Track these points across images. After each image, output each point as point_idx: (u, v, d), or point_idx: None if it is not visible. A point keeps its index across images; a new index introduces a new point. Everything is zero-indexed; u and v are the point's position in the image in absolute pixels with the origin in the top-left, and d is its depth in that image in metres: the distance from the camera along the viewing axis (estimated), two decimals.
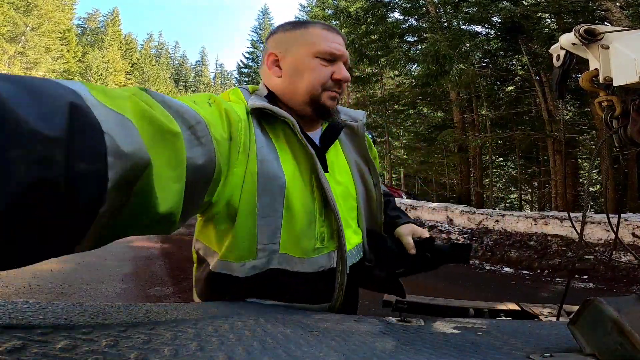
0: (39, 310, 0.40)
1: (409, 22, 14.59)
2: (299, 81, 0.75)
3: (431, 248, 0.84)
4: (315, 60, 0.75)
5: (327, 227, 0.73)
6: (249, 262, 0.69)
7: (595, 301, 0.42)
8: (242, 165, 0.65)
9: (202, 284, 0.75)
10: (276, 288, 0.71)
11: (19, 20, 21.73)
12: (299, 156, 0.72)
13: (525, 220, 6.38)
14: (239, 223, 0.67)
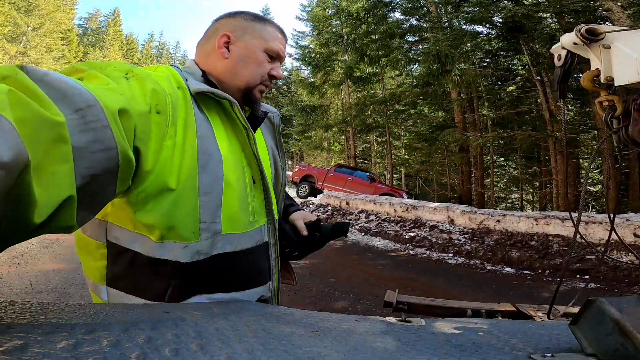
0: (40, 310, 0.40)
1: (409, 21, 14.58)
2: (243, 68, 0.78)
3: (319, 229, 0.94)
4: (263, 54, 0.80)
5: (256, 201, 0.77)
6: (192, 244, 0.66)
7: (597, 301, 0.42)
8: (173, 138, 0.63)
9: (127, 279, 0.68)
10: (220, 276, 0.71)
11: (20, 20, 21.76)
12: (232, 134, 0.74)
13: (527, 220, 6.37)
14: (181, 199, 0.64)
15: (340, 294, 3.99)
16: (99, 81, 0.54)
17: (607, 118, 0.82)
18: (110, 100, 0.51)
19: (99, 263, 0.69)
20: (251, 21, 0.81)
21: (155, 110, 0.60)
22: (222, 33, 0.79)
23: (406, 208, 8.44)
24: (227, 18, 0.82)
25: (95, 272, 0.70)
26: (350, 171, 13.73)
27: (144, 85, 0.60)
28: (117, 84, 0.56)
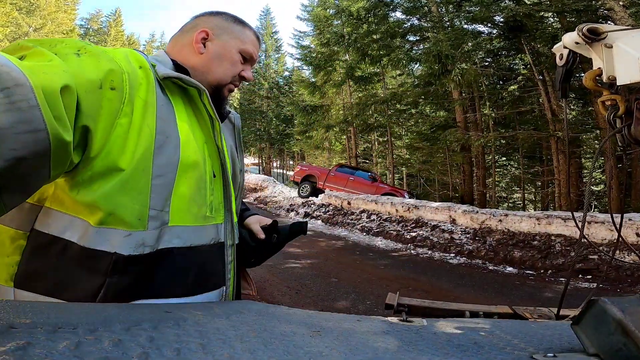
0: (42, 310, 0.40)
1: (410, 21, 14.56)
2: (218, 66, 0.79)
3: (277, 231, 0.92)
4: (238, 55, 0.82)
5: (215, 196, 0.74)
6: (137, 232, 0.60)
7: (599, 301, 0.42)
8: (129, 116, 0.60)
9: (46, 277, 0.59)
10: (166, 277, 0.64)
11: (22, 20, 21.81)
12: (195, 123, 0.72)
13: (529, 220, 6.35)
14: (131, 180, 0.60)
15: (341, 294, 3.99)
16: (41, 58, 0.52)
17: (609, 117, 0.81)
18: (47, 79, 0.48)
19: (9, 259, 0.60)
20: (231, 22, 0.83)
21: (109, 87, 0.57)
22: (201, 29, 0.79)
23: (408, 208, 8.44)
24: (208, 16, 0.83)
25: (0, 269, 0.60)
26: (351, 171, 13.73)
27: (97, 62, 0.58)
28: (63, 61, 0.53)
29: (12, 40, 21.56)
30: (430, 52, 11.37)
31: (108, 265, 0.59)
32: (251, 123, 30.02)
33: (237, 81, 0.84)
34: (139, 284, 0.62)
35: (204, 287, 0.71)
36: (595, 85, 0.81)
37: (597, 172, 12.48)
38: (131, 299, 0.61)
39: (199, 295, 0.70)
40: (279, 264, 5.10)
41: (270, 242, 0.92)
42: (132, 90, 0.61)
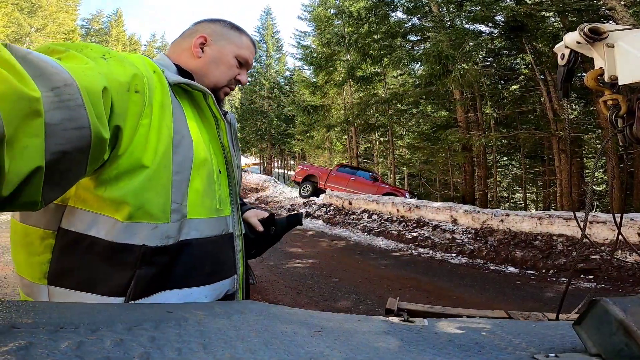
0: (44, 309, 0.40)
1: (411, 21, 14.55)
2: (215, 69, 0.85)
3: (274, 223, 0.97)
4: (234, 60, 0.87)
5: (222, 190, 0.79)
6: (162, 224, 0.64)
7: (601, 301, 0.42)
8: (149, 117, 0.64)
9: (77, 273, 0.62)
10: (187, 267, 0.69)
11: (23, 21, 21.85)
12: (201, 124, 0.77)
13: (530, 219, 6.34)
14: (155, 176, 0.64)
15: (342, 294, 3.99)
16: (77, 61, 0.55)
17: (611, 117, 0.81)
18: (89, 80, 0.52)
19: (41, 257, 0.63)
20: (229, 29, 0.89)
21: (133, 90, 0.61)
22: (200, 34, 0.85)
23: (409, 208, 8.43)
24: (207, 22, 0.89)
25: (33, 268, 0.64)
26: (352, 171, 13.73)
27: (123, 66, 0.61)
28: (96, 64, 0.57)
29: (14, 40, 21.61)
30: (431, 53, 11.35)
31: (137, 258, 0.62)
32: (252, 123, 30.06)
33: (233, 84, 0.89)
34: (163, 274, 0.66)
35: (220, 276, 0.75)
36: (597, 85, 0.81)
37: (599, 172, 12.46)
38: (157, 290, 0.65)
39: (215, 283, 0.74)
40: (280, 264, 5.10)
41: (269, 234, 0.97)
42: (150, 93, 0.65)
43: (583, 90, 10.60)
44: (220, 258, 0.76)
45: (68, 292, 0.62)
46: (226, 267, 0.78)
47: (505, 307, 3.74)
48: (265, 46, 33.41)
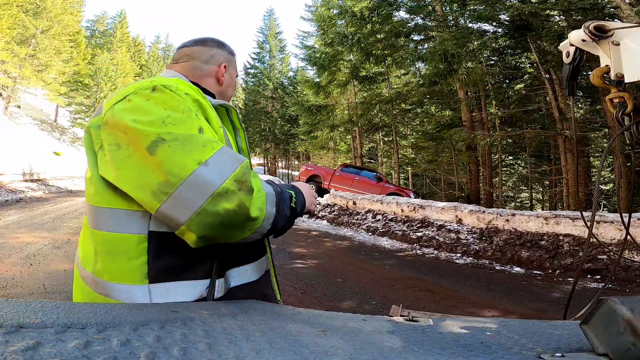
0: (52, 309, 0.41)
1: (414, 20, 14.51)
2: (230, 90, 1.04)
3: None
4: (235, 79, 1.07)
5: None
6: None
7: (608, 301, 0.42)
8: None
9: (174, 267, 0.71)
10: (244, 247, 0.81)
11: (28, 22, 22.00)
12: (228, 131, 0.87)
13: (536, 219, 6.30)
14: None
15: (347, 294, 3.99)
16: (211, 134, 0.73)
17: (618, 115, 0.81)
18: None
19: (138, 261, 0.69)
20: (232, 55, 1.05)
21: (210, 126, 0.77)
22: (222, 64, 1.00)
23: (413, 208, 8.41)
24: (218, 49, 1.02)
25: (133, 272, 0.69)
26: (356, 171, 13.71)
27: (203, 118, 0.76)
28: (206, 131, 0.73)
29: (20, 42, 21.80)
30: (436, 51, 11.32)
31: (214, 246, 0.73)
32: (256, 123, 30.10)
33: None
34: (230, 257, 0.79)
35: (260, 254, 0.89)
36: (603, 83, 0.80)
37: (606, 170, 12.35)
38: (228, 269, 0.79)
39: (258, 260, 0.88)
40: (284, 264, 5.11)
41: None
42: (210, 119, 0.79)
43: (589, 88, 10.51)
44: (259, 240, 0.81)
45: (167, 286, 0.70)
46: (261, 248, 0.91)
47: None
48: (268, 47, 33.45)
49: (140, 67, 39.61)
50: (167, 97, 0.71)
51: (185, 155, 0.64)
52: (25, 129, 22.70)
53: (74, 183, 16.30)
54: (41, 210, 8.94)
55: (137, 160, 0.66)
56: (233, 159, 0.68)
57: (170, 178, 0.63)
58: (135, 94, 0.71)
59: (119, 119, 0.68)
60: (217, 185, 0.63)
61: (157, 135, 0.65)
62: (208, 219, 0.63)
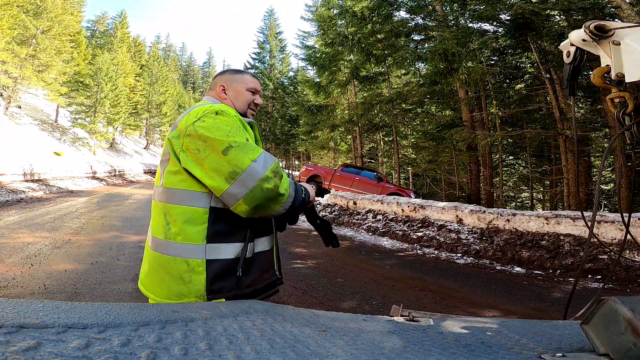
0: (53, 309, 0.41)
1: (415, 20, 14.50)
2: (237, 101, 1.31)
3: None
4: (247, 91, 1.32)
5: None
6: None
7: (609, 300, 0.42)
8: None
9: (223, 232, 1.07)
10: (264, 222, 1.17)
11: (29, 23, 21.98)
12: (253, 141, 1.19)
13: (537, 219, 6.30)
14: None
15: (347, 294, 3.99)
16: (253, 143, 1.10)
17: (618, 115, 0.81)
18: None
19: (202, 226, 1.05)
20: (234, 74, 1.34)
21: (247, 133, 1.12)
22: (219, 85, 1.31)
23: (414, 208, 8.41)
24: (219, 75, 1.35)
25: (196, 235, 1.05)
26: (357, 171, 13.71)
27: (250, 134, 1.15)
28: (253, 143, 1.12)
29: (21, 42, 21.80)
30: (436, 51, 11.31)
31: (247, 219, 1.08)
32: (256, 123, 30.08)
33: (253, 107, 1.35)
34: (257, 227, 1.13)
35: (270, 231, 1.22)
36: (604, 83, 0.80)
37: (607, 170, 12.33)
38: (256, 237, 1.13)
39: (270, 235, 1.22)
40: (285, 264, 5.11)
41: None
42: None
43: (590, 88, 10.50)
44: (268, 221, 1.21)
45: (218, 246, 1.06)
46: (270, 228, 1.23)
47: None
48: (268, 47, 33.49)
49: (140, 67, 39.60)
50: (226, 118, 1.07)
51: (244, 155, 1.00)
52: (26, 129, 22.72)
53: (74, 183, 16.30)
54: (42, 210, 8.95)
55: (214, 158, 1.01)
56: (271, 158, 1.04)
57: (236, 169, 0.99)
58: (206, 116, 1.06)
59: (200, 132, 1.03)
60: (262, 173, 1.00)
61: (228, 143, 1.01)
62: (257, 194, 0.99)
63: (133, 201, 12.23)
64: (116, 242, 5.87)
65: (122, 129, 34.51)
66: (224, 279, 1.05)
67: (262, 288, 1.15)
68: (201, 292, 1.03)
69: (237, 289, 1.06)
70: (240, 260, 1.06)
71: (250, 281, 1.10)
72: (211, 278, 1.04)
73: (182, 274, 1.04)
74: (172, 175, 1.08)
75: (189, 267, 1.03)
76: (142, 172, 28.86)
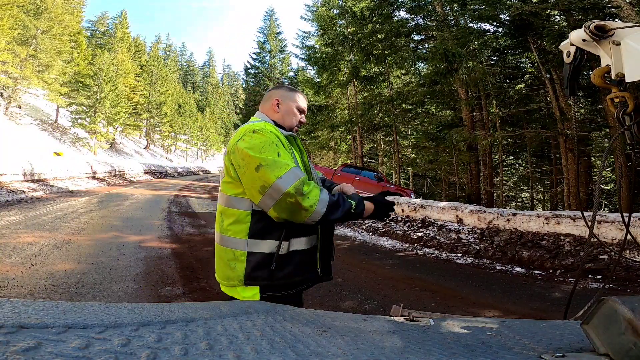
0: (53, 309, 0.41)
1: (415, 20, 14.49)
2: (286, 117, 1.46)
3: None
4: (296, 110, 1.48)
5: None
6: None
7: (609, 300, 0.42)
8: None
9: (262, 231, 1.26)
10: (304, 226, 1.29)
11: (29, 23, 21.97)
12: (295, 151, 1.36)
13: (537, 219, 6.29)
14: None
15: (347, 294, 3.99)
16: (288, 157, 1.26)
17: (619, 115, 0.81)
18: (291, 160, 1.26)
19: (245, 225, 1.26)
20: (288, 91, 1.49)
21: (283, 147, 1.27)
22: (275, 98, 1.46)
23: (414, 208, 8.41)
24: (275, 89, 1.50)
25: (241, 232, 1.26)
26: (357, 171, 13.71)
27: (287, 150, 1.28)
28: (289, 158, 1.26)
29: (21, 42, 21.80)
30: (437, 51, 11.30)
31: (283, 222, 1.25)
32: None
33: (299, 124, 1.50)
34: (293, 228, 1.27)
35: (311, 233, 1.34)
36: (604, 83, 0.80)
37: (607, 170, 12.33)
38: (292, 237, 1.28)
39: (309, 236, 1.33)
40: None
41: None
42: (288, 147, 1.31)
43: (590, 88, 10.49)
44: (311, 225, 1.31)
45: (257, 241, 1.26)
46: (313, 230, 1.35)
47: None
48: (269, 47, 33.45)
49: (140, 67, 39.60)
50: (260, 135, 1.23)
51: (271, 173, 1.17)
52: (26, 130, 22.72)
53: (74, 183, 16.30)
54: (42, 210, 8.95)
55: (249, 174, 1.20)
56: (296, 176, 1.18)
57: (265, 184, 1.17)
58: (245, 135, 1.24)
59: (240, 149, 1.23)
60: (285, 189, 1.15)
61: (259, 161, 1.18)
62: (283, 205, 1.17)
63: (133, 201, 12.23)
64: (116, 242, 5.87)
65: (122, 129, 34.53)
66: (259, 269, 1.24)
67: (296, 282, 1.29)
68: (241, 277, 1.25)
69: (270, 280, 1.24)
70: (274, 256, 1.24)
71: (284, 274, 1.26)
72: (250, 267, 1.24)
73: (229, 261, 1.27)
74: (225, 184, 1.32)
75: (234, 256, 1.26)
76: (142, 172, 28.84)
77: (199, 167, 47.61)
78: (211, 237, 6.83)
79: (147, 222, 8.03)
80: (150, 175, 29.46)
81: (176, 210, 10.56)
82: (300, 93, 1.52)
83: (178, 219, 8.79)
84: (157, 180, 26.64)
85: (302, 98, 1.51)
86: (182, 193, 16.41)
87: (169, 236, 6.72)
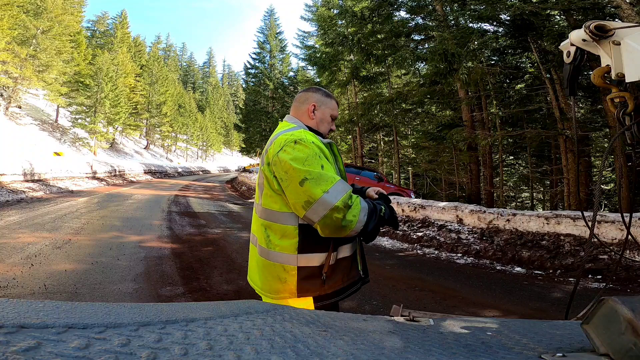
0: (53, 309, 0.41)
1: (415, 20, 14.49)
2: (321, 125, 1.43)
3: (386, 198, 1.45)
4: (329, 117, 1.44)
5: None
6: None
7: (610, 300, 0.42)
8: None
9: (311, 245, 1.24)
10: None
11: (29, 23, 21.96)
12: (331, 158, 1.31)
13: (537, 219, 6.29)
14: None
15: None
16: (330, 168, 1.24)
17: (619, 115, 0.81)
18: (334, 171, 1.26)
19: (294, 240, 1.23)
20: (325, 97, 1.44)
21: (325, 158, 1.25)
22: (312, 103, 1.41)
23: (414, 208, 8.40)
24: (313, 92, 1.45)
25: (290, 247, 1.23)
26: (357, 171, 13.71)
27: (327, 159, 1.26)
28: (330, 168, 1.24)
29: (21, 42, 21.79)
30: (437, 51, 11.30)
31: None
32: (257, 124, 30.09)
33: (330, 131, 1.47)
34: (340, 239, 1.25)
35: (354, 239, 1.35)
36: (604, 83, 0.80)
37: (607, 170, 12.32)
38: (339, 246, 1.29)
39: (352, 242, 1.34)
40: None
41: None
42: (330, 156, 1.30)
43: (590, 88, 10.49)
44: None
45: (306, 255, 1.24)
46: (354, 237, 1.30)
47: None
48: (269, 47, 33.44)
49: (140, 68, 39.60)
50: (303, 147, 1.19)
51: (317, 187, 1.14)
52: (26, 130, 22.72)
53: (74, 183, 16.31)
54: (42, 210, 8.95)
55: (294, 188, 1.17)
56: (343, 190, 1.16)
57: (310, 199, 1.14)
58: (287, 146, 1.20)
59: (283, 162, 1.18)
60: (333, 204, 1.13)
61: (304, 174, 1.15)
62: (327, 221, 1.14)
63: (133, 201, 12.23)
64: (116, 242, 5.87)
65: (122, 129, 34.52)
66: (310, 281, 1.24)
67: (343, 288, 1.30)
68: (293, 290, 1.24)
69: (321, 290, 1.25)
70: (324, 267, 1.24)
71: (333, 282, 1.27)
72: (301, 280, 1.23)
73: (279, 275, 1.25)
74: (268, 198, 1.28)
75: (284, 270, 1.24)
76: (142, 172, 28.85)
77: (199, 167, 47.62)
78: (211, 237, 6.83)
79: (147, 222, 8.03)
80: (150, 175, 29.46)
81: (176, 210, 10.56)
82: (335, 100, 1.48)
83: (178, 219, 8.79)
84: (157, 180, 26.64)
85: (336, 105, 1.48)
86: (182, 193, 16.41)
87: (169, 236, 6.72)
